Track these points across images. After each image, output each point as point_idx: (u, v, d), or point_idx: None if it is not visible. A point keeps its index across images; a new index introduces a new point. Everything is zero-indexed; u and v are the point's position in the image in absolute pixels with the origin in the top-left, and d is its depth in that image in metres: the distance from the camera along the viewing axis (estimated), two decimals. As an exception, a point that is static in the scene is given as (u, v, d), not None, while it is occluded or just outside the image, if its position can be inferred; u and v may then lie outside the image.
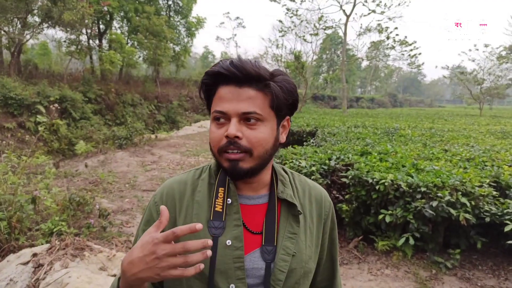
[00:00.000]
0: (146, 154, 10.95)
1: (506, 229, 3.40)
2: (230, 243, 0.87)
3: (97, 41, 21.49)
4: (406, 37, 36.00)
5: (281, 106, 0.87)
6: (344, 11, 26.65)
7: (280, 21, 30.31)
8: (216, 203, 0.91)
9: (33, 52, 22.92)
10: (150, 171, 8.71)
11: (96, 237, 4.32)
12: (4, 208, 3.64)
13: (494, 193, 3.87)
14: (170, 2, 26.76)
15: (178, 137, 15.57)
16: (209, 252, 0.70)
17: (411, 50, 31.81)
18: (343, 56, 29.16)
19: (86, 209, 4.73)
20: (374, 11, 26.52)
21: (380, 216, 3.89)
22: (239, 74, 0.83)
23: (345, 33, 27.85)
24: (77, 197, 4.62)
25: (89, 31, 20.03)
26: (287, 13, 27.88)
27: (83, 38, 19.36)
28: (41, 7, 14.74)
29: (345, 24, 27.18)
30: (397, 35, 30.29)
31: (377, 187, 3.95)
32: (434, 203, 3.60)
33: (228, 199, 0.91)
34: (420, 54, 35.98)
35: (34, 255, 2.92)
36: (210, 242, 0.71)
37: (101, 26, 21.80)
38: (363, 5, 25.84)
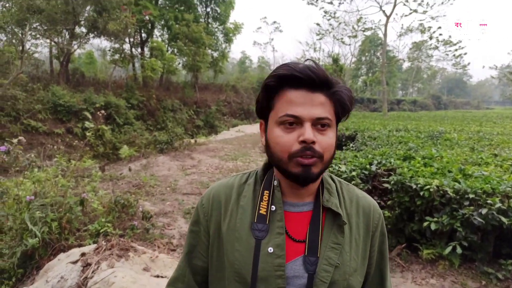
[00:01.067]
0: (186, 158, 11.20)
1: None
2: (272, 251, 0.87)
3: (139, 49, 22.30)
4: (450, 36, 34.55)
5: (344, 113, 0.90)
6: (384, 11, 26.08)
7: (318, 24, 30.20)
8: (261, 206, 0.91)
9: (80, 61, 24.17)
10: (190, 175, 8.89)
11: (140, 239, 4.46)
12: (55, 209, 3.85)
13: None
14: (208, 9, 27.31)
15: (217, 142, 15.80)
16: None
17: (456, 50, 30.49)
18: (383, 57, 28.50)
19: (130, 211, 4.91)
20: (415, 11, 25.74)
21: (425, 224, 3.74)
22: (316, 78, 0.83)
23: (385, 34, 27.20)
24: (121, 200, 4.80)
25: (131, 40, 20.83)
26: (324, 15, 27.69)
27: (126, 46, 20.14)
28: (88, 18, 15.56)
29: (385, 25, 26.56)
30: (440, 34, 29.31)
31: (421, 193, 3.81)
32: (484, 211, 3.41)
33: (272, 206, 0.91)
34: (465, 54, 34.45)
35: (83, 254, 3.05)
36: None
37: (143, 35, 22.62)
38: (404, 4, 25.17)
